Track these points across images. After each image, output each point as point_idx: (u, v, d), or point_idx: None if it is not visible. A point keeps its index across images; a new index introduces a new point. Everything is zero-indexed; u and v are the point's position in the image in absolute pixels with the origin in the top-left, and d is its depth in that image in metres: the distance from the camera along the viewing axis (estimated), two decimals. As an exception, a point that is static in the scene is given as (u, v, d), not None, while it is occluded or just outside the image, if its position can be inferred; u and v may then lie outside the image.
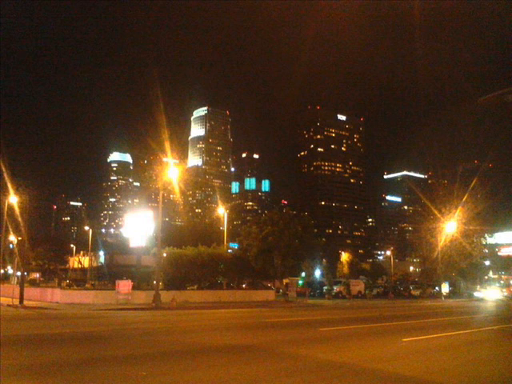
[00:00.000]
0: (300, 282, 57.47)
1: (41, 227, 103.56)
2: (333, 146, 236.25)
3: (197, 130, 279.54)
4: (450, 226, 58.04)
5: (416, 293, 67.83)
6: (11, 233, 45.66)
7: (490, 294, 61.30)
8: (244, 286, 55.08)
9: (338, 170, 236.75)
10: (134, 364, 10.15)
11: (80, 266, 71.46)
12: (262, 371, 9.62)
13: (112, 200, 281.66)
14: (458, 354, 12.78)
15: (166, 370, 9.42)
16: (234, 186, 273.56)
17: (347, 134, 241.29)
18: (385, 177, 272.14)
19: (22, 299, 31.33)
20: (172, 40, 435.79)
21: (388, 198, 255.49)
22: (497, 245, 78.04)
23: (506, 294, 62.20)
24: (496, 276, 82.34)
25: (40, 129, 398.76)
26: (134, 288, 34.61)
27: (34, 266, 67.57)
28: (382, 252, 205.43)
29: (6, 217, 41.19)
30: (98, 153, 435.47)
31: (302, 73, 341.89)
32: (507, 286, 69.64)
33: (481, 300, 57.44)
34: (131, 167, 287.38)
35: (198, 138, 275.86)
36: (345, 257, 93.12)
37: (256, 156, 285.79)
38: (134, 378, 8.70)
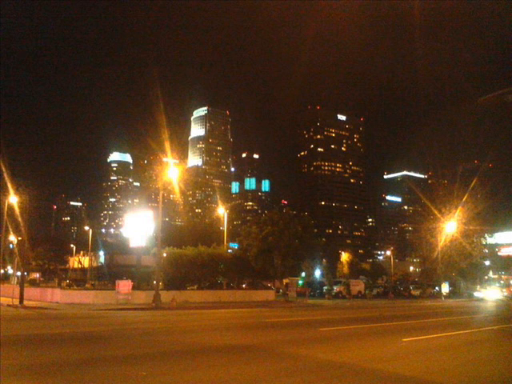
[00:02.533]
0: (300, 281, 57.46)
1: (41, 227, 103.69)
2: (333, 146, 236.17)
3: (197, 130, 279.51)
4: (449, 226, 58.03)
5: (416, 293, 67.82)
6: (11, 233, 45.68)
7: (490, 294, 61.29)
8: (244, 286, 55.08)
9: (337, 169, 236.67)
10: (134, 364, 10.15)
11: (80, 265, 71.45)
12: (262, 371, 9.62)
13: (112, 200, 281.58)
14: (458, 354, 12.78)
15: (166, 370, 9.42)
16: (234, 186, 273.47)
17: (347, 134, 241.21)
18: (385, 177, 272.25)
19: (21, 299, 31.33)
20: (172, 40, 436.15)
21: (388, 198, 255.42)
22: (497, 245, 78.01)
23: (506, 293, 62.18)
24: (496, 276, 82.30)
25: (40, 129, 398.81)
26: (134, 288, 34.61)
27: (34, 266, 67.56)
28: (382, 252, 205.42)
29: (6, 217, 41.20)
30: (98, 153, 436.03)
31: (302, 73, 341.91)
32: (507, 285, 69.61)
33: (481, 300, 57.43)
34: (131, 167, 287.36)
35: (198, 138, 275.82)
36: (345, 257, 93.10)
37: (256, 156, 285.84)
38: (133, 378, 8.70)
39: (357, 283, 64.23)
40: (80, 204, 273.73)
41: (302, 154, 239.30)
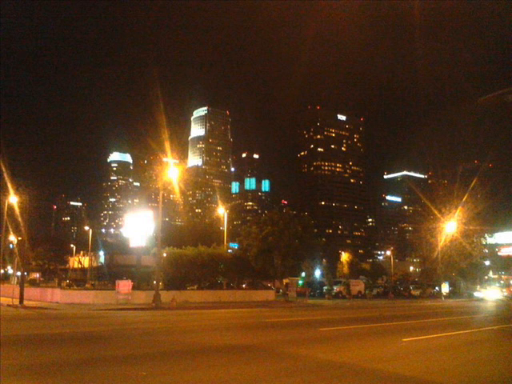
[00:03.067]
0: (300, 282, 57.46)
1: (41, 227, 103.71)
2: (333, 146, 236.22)
3: (197, 130, 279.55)
4: (449, 226, 58.03)
5: (416, 293, 67.82)
6: (11, 233, 45.68)
7: (490, 294, 61.29)
8: (244, 286, 55.09)
9: (337, 169, 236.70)
10: (134, 364, 10.15)
11: (80, 265, 71.45)
12: (262, 371, 9.62)
13: (112, 200, 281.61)
14: (458, 354, 12.78)
15: (166, 370, 9.42)
16: (234, 186, 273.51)
17: (347, 134, 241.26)
18: (385, 177, 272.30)
19: (21, 299, 31.33)
20: (172, 40, 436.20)
21: (388, 198, 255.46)
22: (497, 245, 78.03)
23: (506, 293, 62.19)
24: (496, 276, 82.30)
25: (40, 129, 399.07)
26: (134, 288, 34.61)
27: (34, 266, 67.57)
28: (382, 252, 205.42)
29: (6, 217, 41.21)
30: (98, 153, 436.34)
31: (302, 73, 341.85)
32: (507, 285, 69.62)
33: (481, 300, 57.44)
34: (131, 167, 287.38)
35: (198, 138, 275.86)
36: (345, 257, 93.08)
37: (256, 156, 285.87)
38: (133, 378, 8.70)
39: (357, 283, 64.22)
40: (80, 204, 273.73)
41: (302, 153, 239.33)
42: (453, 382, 9.39)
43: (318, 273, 79.04)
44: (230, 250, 50.07)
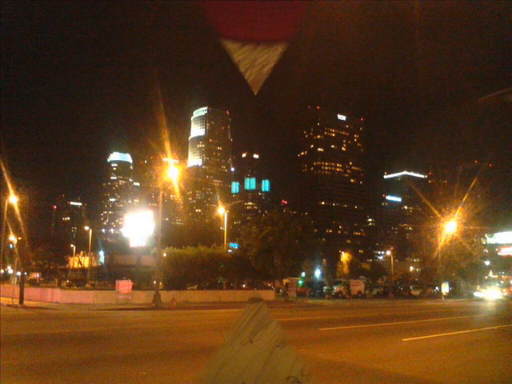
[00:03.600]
0: (300, 281, 57.42)
1: (41, 227, 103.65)
2: (333, 146, 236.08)
3: (197, 130, 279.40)
4: (449, 226, 58.07)
5: (416, 293, 67.83)
6: (11, 233, 45.68)
7: (490, 294, 61.28)
8: (244, 286, 55.08)
9: (337, 170, 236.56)
10: (134, 364, 10.15)
11: (80, 265, 71.46)
12: (262, 371, 9.59)
13: (112, 200, 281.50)
14: (458, 354, 12.76)
15: (166, 370, 9.42)
16: (234, 186, 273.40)
17: (347, 134, 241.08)
18: (385, 177, 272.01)
19: (22, 299, 31.33)
20: (172, 40, 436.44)
21: (388, 198, 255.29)
22: (497, 245, 78.04)
23: (506, 293, 62.18)
24: (496, 276, 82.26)
25: (40, 129, 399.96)
26: (134, 288, 34.62)
27: (34, 266, 67.57)
28: (382, 252, 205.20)
29: (6, 217, 41.21)
30: (98, 153, 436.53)
31: (302, 73, 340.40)
32: (507, 285, 69.61)
33: (481, 300, 57.42)
34: (131, 167, 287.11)
35: (198, 138, 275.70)
36: (345, 257, 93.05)
37: (256, 156, 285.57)
38: (133, 378, 8.70)
39: (357, 283, 64.22)
40: (80, 204, 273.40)
41: (302, 153, 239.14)
42: (453, 381, 9.38)
43: (318, 273, 79.03)
44: (230, 250, 50.10)
